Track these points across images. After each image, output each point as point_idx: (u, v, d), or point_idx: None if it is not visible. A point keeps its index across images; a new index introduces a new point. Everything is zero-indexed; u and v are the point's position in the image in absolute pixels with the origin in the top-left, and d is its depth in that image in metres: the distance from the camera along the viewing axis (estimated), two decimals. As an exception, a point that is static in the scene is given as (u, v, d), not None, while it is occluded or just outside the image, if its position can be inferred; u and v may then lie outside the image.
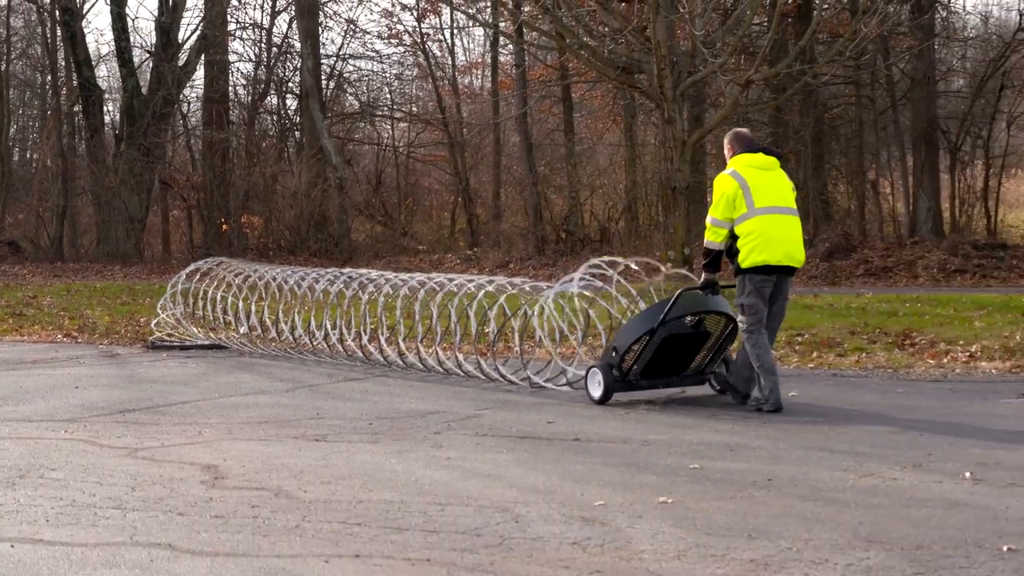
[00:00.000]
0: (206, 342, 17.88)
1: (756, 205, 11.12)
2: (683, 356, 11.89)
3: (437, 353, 14.35)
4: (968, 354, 13.94)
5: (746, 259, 11.11)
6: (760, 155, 11.51)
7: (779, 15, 24.44)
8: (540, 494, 8.29)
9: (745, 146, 11.61)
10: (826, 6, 30.58)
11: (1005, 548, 6.77)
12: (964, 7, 52.05)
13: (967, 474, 8.70)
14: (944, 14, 32.89)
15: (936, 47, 31.32)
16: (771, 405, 11.08)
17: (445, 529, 7.37)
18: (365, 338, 15.42)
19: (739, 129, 12.19)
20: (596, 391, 11.75)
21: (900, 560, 6.58)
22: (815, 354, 14.77)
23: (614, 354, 11.67)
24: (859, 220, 31.25)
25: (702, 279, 11.68)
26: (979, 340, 14.54)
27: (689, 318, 11.64)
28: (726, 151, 11.80)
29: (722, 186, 11.31)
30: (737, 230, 11.19)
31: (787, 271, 11.36)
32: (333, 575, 6.48)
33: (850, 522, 7.41)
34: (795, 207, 11.56)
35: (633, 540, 7.07)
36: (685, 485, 8.52)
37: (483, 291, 14.11)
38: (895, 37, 30.08)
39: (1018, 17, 31.36)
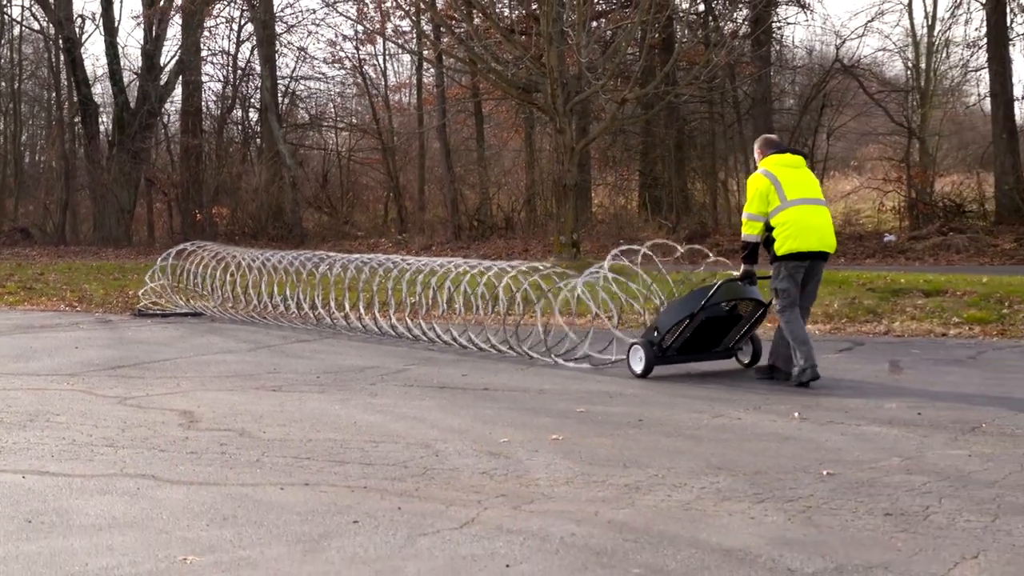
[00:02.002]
0: (186, 310, 17.78)
1: (788, 197, 10.22)
2: (716, 335, 11.11)
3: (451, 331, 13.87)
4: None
5: (782, 247, 10.18)
6: (788, 155, 10.64)
7: (648, 46, 24.55)
8: (456, 433, 8.29)
9: (774, 148, 10.76)
10: (685, 40, 30.76)
11: (824, 472, 6.85)
12: (793, 42, 52.47)
13: (795, 414, 8.80)
14: (778, 47, 33.15)
15: (771, 73, 31.54)
16: (810, 374, 9.99)
17: (379, 462, 7.36)
18: (391, 313, 15.33)
19: (768, 135, 11.48)
20: (638, 366, 10.84)
21: (743, 483, 6.64)
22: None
23: (655, 333, 10.90)
24: (712, 211, 31.45)
25: (741, 270, 10.70)
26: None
27: (726, 304, 10.81)
28: (756, 155, 10.83)
29: (755, 184, 10.41)
30: (772, 221, 10.27)
31: (820, 256, 10.37)
32: (287, 499, 6.44)
33: (704, 454, 7.47)
34: (823, 198, 10.68)
35: (531, 470, 7.09)
36: (573, 425, 8.55)
37: (506, 276, 13.11)
38: (739, 65, 30.25)
39: (835, 51, 31.73)
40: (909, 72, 32.79)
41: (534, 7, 24.92)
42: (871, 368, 11.06)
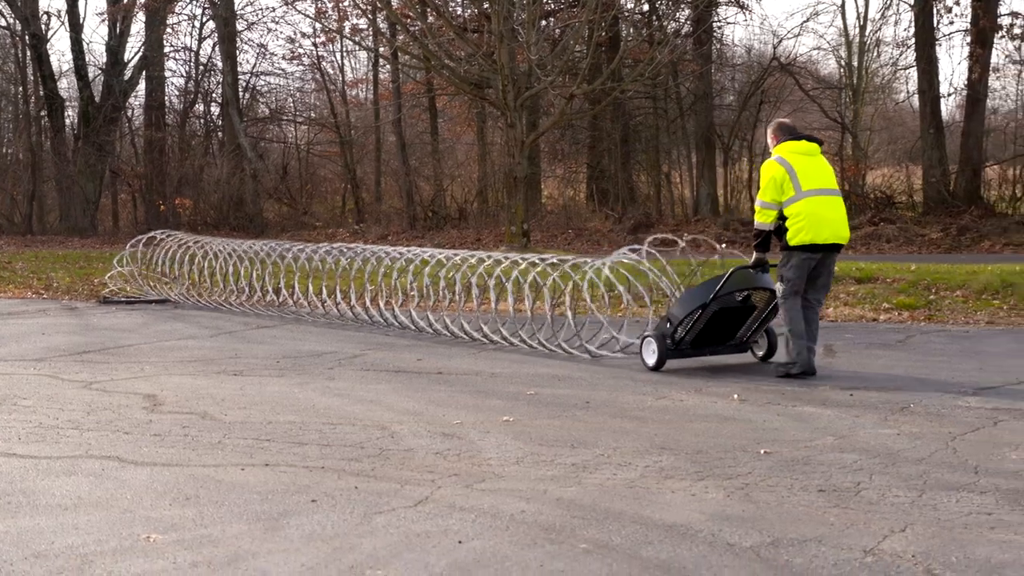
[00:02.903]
0: (152, 297, 17.65)
1: (803, 188, 9.55)
2: (730, 327, 10.39)
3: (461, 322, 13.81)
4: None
5: (794, 237, 9.53)
6: (803, 142, 9.87)
7: (595, 45, 24.55)
8: (411, 415, 8.27)
9: (789, 134, 9.96)
10: (630, 38, 30.79)
11: (762, 451, 6.89)
12: (733, 41, 52.64)
13: (735, 396, 8.85)
14: (718, 46, 33.26)
15: (712, 71, 31.66)
16: (799, 367, 9.57)
17: (336, 443, 7.33)
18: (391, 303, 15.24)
19: (782, 119, 10.68)
20: (651, 359, 10.18)
21: (685, 462, 6.67)
22: (620, 304, 14.86)
23: (668, 325, 10.23)
24: (656, 203, 31.56)
25: (753, 258, 10.02)
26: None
27: (738, 293, 10.13)
28: (770, 140, 10.11)
29: (770, 171, 9.74)
30: (786, 211, 9.61)
31: (833, 248, 9.71)
32: (247, 480, 6.41)
33: (648, 434, 7.49)
34: (838, 188, 9.99)
35: (483, 450, 7.08)
36: (523, 407, 8.55)
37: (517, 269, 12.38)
38: (682, 63, 30.35)
39: (772, 49, 31.92)
40: (842, 70, 33.15)
41: (486, 6, 24.84)
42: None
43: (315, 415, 8.33)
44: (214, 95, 38.14)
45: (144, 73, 36.69)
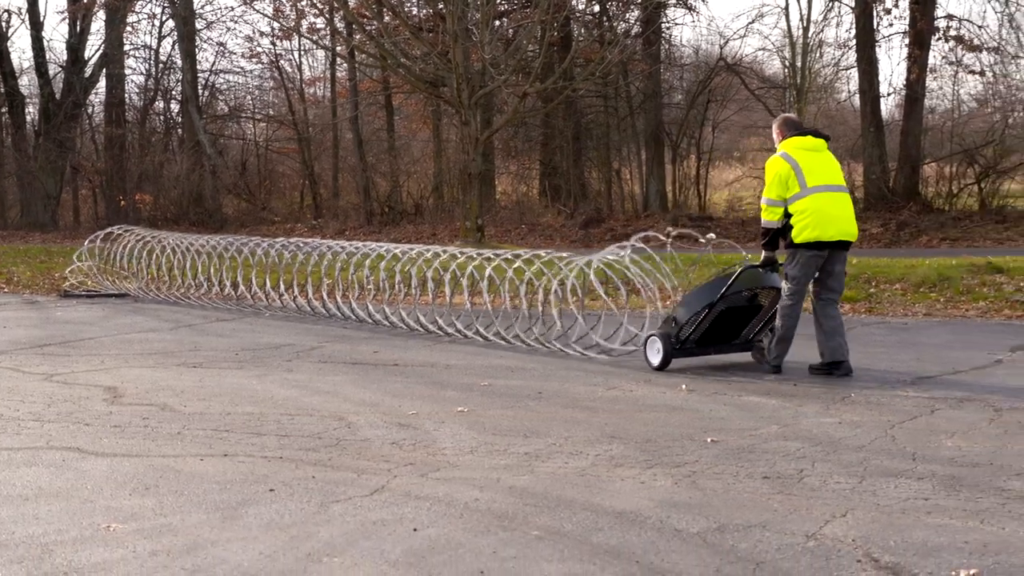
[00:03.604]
0: (112, 291, 17.50)
1: (808, 184, 9.08)
2: (735, 326, 9.95)
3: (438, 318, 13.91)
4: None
5: (799, 235, 9.08)
6: (809, 137, 9.36)
7: (547, 44, 24.52)
8: (367, 406, 8.25)
9: (794, 130, 9.45)
10: (582, 38, 30.83)
11: (709, 440, 6.93)
12: (681, 41, 52.84)
13: (683, 386, 8.89)
14: (667, 46, 33.33)
15: (661, 71, 31.74)
16: (771, 366, 9.36)
17: (294, 434, 7.30)
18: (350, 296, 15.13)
19: (787, 115, 10.11)
20: (655, 358, 9.69)
21: (635, 450, 6.69)
22: (574, 298, 14.85)
23: (673, 324, 9.73)
24: (607, 198, 31.59)
25: (762, 257, 9.56)
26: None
27: (746, 292, 9.72)
28: (775, 136, 9.62)
29: (774, 167, 9.26)
30: (791, 208, 9.16)
31: (841, 246, 9.24)
32: (206, 470, 6.37)
33: (599, 423, 7.51)
34: (845, 184, 9.50)
35: (438, 440, 7.08)
36: (477, 398, 8.55)
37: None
38: (632, 63, 30.39)
39: (719, 50, 32.04)
40: (786, 70, 33.22)
41: (440, 6, 24.78)
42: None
43: (273, 406, 8.28)
44: (174, 92, 37.91)
45: (104, 71, 36.35)
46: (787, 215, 9.24)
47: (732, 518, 5.27)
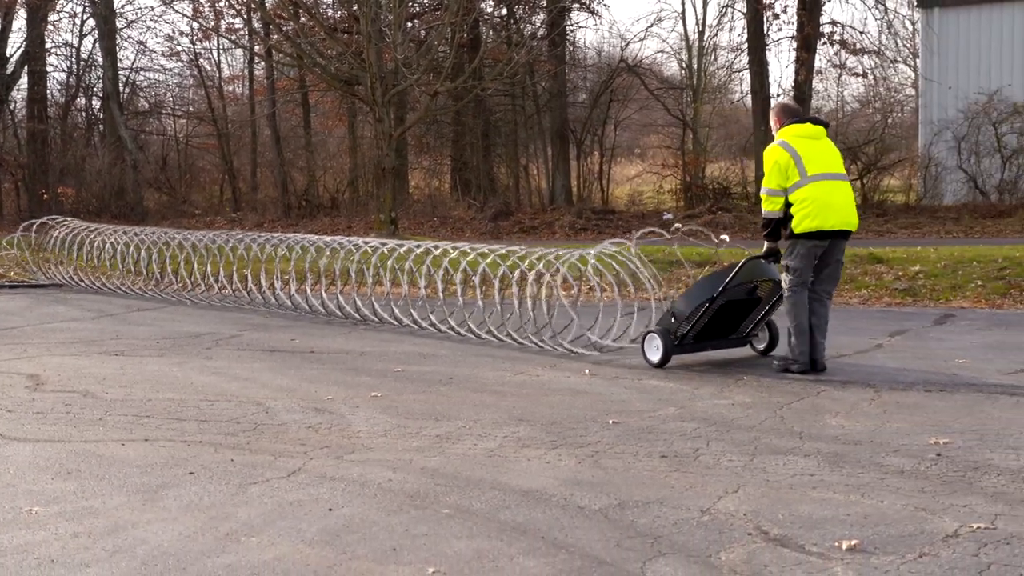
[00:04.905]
0: (43, 281, 17.15)
1: (808, 173, 8.47)
2: (734, 320, 9.30)
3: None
4: (588, 287, 14.12)
5: (800, 224, 8.47)
6: (808, 125, 8.73)
7: (457, 45, 24.48)
8: (284, 392, 8.18)
9: (792, 117, 8.82)
10: (490, 40, 30.81)
11: (611, 421, 6.98)
12: (585, 43, 53.10)
13: (586, 371, 8.94)
14: (571, 48, 33.45)
15: (566, 71, 31.84)
16: (800, 366, 8.59)
17: (214, 419, 7.21)
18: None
19: (785, 101, 8.80)
20: (655, 355, 9.03)
21: (540, 432, 6.72)
22: (485, 286, 14.86)
23: (673, 319, 9.06)
24: (515, 192, 31.64)
25: (764, 248, 8.91)
26: (595, 277, 14.79)
27: (747, 284, 9.08)
28: (773, 124, 8.96)
29: (773, 156, 8.63)
30: (791, 198, 8.54)
31: (841, 235, 8.63)
32: (127, 454, 6.27)
33: (507, 407, 7.53)
34: (845, 172, 8.86)
35: (352, 424, 7.04)
36: (391, 383, 8.52)
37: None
38: (538, 63, 30.45)
39: (620, 52, 32.23)
40: (683, 72, 33.61)
41: (355, 8, 24.59)
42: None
43: (193, 392, 8.18)
44: (95, 89, 37.19)
45: (26, 68, 35.52)
46: (787, 204, 8.66)
47: (632, 495, 5.32)
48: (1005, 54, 25.38)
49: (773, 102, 29.18)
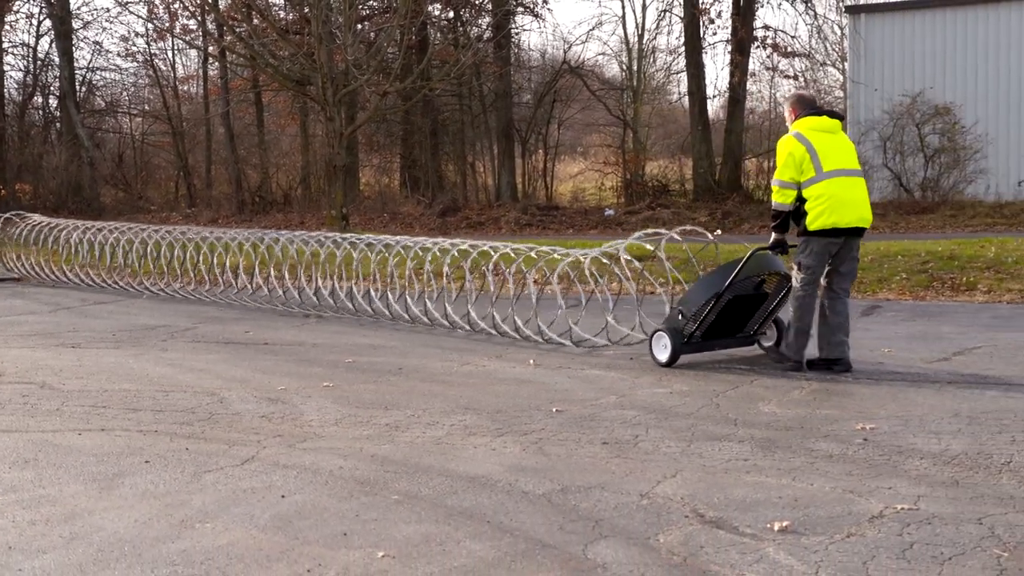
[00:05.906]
0: (9, 276, 16.94)
1: (824, 168, 7.96)
2: (741, 318, 8.69)
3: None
4: (534, 280, 14.11)
5: (815, 221, 7.97)
6: (824, 118, 8.18)
7: (405, 47, 24.42)
8: (239, 383, 8.12)
9: (809, 109, 8.29)
10: (438, 42, 30.75)
11: (554, 409, 7.00)
12: (529, 46, 53.05)
13: (531, 361, 8.96)
14: (516, 50, 33.47)
15: (511, 72, 31.85)
16: (792, 364, 8.22)
17: (169, 409, 7.14)
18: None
19: (801, 92, 8.80)
20: (663, 354, 8.50)
21: (487, 420, 6.72)
22: (431, 281, 14.83)
23: (680, 317, 8.53)
24: (463, 189, 31.60)
25: (772, 239, 8.28)
26: (543, 270, 14.80)
27: (754, 278, 8.48)
28: (787, 115, 8.43)
29: (787, 147, 8.08)
30: (805, 193, 8.03)
31: (856, 232, 8.12)
32: (84, 444, 6.19)
33: (454, 396, 7.52)
34: (860, 168, 8.31)
35: (305, 413, 7.00)
36: (342, 374, 8.48)
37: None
38: (484, 65, 30.44)
39: (563, 54, 32.34)
40: (624, 73, 33.72)
41: (306, 10, 24.44)
42: (593, 322, 10.91)
43: (149, 383, 8.09)
44: (52, 88, 36.67)
45: (-18, 67, 34.96)
46: (800, 200, 8.14)
47: (574, 480, 5.34)
48: (928, 58, 25.72)
49: (709, 103, 29.43)
